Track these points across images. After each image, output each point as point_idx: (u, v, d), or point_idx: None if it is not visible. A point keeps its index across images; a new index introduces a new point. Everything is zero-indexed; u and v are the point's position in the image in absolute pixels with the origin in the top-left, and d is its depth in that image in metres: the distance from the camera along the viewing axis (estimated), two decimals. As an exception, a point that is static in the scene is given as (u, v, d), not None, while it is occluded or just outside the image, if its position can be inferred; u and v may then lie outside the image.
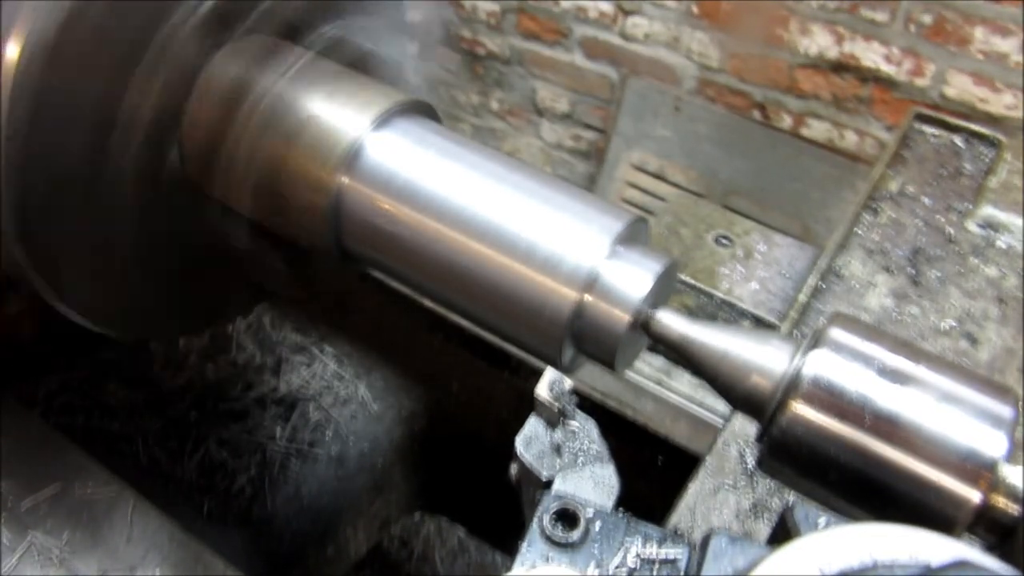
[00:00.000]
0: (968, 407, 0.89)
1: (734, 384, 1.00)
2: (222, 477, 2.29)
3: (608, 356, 1.08)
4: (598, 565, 0.81)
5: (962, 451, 0.86)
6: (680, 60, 4.26)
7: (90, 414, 2.33)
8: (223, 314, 1.62)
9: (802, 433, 0.92)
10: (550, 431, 1.01)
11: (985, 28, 3.42)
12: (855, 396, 0.90)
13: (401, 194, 1.15)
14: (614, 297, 1.05)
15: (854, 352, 0.93)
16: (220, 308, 1.59)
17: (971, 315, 1.78)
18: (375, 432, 2.49)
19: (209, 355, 2.52)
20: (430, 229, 1.13)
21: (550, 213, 1.10)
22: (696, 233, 2.17)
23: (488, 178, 1.14)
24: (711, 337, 1.03)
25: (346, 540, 2.40)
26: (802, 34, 3.84)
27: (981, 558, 0.64)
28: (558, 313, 1.06)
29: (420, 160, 1.17)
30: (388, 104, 1.22)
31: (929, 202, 2.00)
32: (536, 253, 1.07)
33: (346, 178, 1.18)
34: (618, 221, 1.09)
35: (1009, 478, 0.86)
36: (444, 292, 1.18)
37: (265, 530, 2.24)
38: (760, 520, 1.48)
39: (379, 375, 2.59)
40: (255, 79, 1.24)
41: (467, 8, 4.69)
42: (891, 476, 0.88)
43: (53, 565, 1.64)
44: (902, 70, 3.69)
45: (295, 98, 1.22)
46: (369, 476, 2.43)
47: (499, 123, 5.16)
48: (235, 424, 2.39)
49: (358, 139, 1.18)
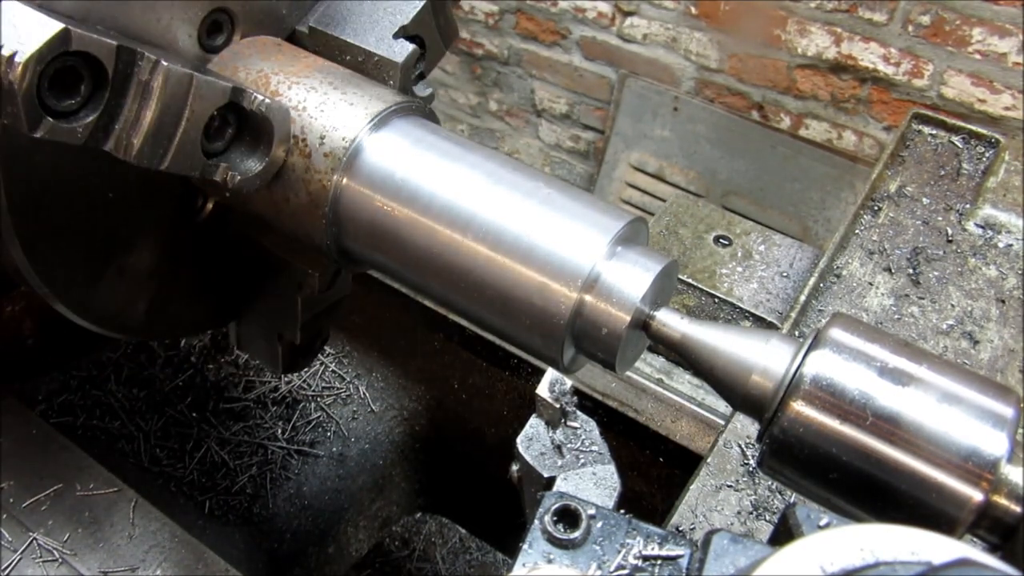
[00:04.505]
0: (969, 407, 0.89)
1: (735, 384, 1.00)
2: (223, 476, 2.29)
3: (609, 356, 1.08)
4: (599, 564, 0.81)
5: (964, 451, 0.87)
6: (679, 60, 4.26)
7: (91, 414, 2.33)
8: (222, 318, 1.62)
9: (803, 433, 0.92)
10: (551, 431, 1.01)
11: (983, 29, 3.43)
12: (856, 396, 0.90)
13: (400, 194, 1.16)
14: (614, 297, 1.05)
15: (855, 352, 0.93)
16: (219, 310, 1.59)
17: (971, 315, 1.78)
18: (376, 431, 2.49)
19: (210, 355, 2.52)
20: (429, 230, 1.13)
21: (549, 214, 1.10)
22: (696, 233, 2.17)
23: (488, 179, 1.14)
24: (711, 337, 1.03)
25: (347, 539, 2.40)
26: (800, 35, 3.84)
27: (982, 557, 0.64)
28: (558, 314, 1.06)
29: (419, 161, 1.17)
30: (385, 105, 1.22)
31: (928, 202, 2.01)
32: (536, 253, 1.08)
33: (345, 179, 1.18)
34: (617, 221, 1.09)
35: (1011, 478, 0.87)
36: (444, 293, 1.18)
37: (266, 529, 2.25)
38: (761, 520, 1.48)
39: (379, 375, 2.59)
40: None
41: (465, 9, 4.69)
42: (892, 476, 0.89)
43: (54, 565, 1.64)
44: (900, 70, 3.70)
45: (290, 99, 1.22)
46: (370, 475, 2.43)
47: (498, 123, 5.16)
48: (236, 424, 2.40)
49: (356, 140, 1.18)
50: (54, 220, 1.23)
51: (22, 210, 1.17)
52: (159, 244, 1.40)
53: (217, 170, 1.15)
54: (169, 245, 1.41)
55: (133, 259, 1.37)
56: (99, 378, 2.38)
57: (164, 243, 1.40)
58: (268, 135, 1.17)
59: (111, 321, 1.40)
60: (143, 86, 1.02)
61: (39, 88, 0.93)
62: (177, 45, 1.24)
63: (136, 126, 1.03)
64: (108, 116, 1.01)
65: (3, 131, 1.06)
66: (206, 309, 1.57)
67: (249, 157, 1.18)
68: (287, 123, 1.19)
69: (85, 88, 0.98)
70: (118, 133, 1.02)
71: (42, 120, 0.95)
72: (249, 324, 1.60)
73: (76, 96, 0.98)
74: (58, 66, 0.94)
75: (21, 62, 0.89)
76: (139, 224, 1.35)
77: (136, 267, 1.38)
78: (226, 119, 1.15)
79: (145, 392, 2.40)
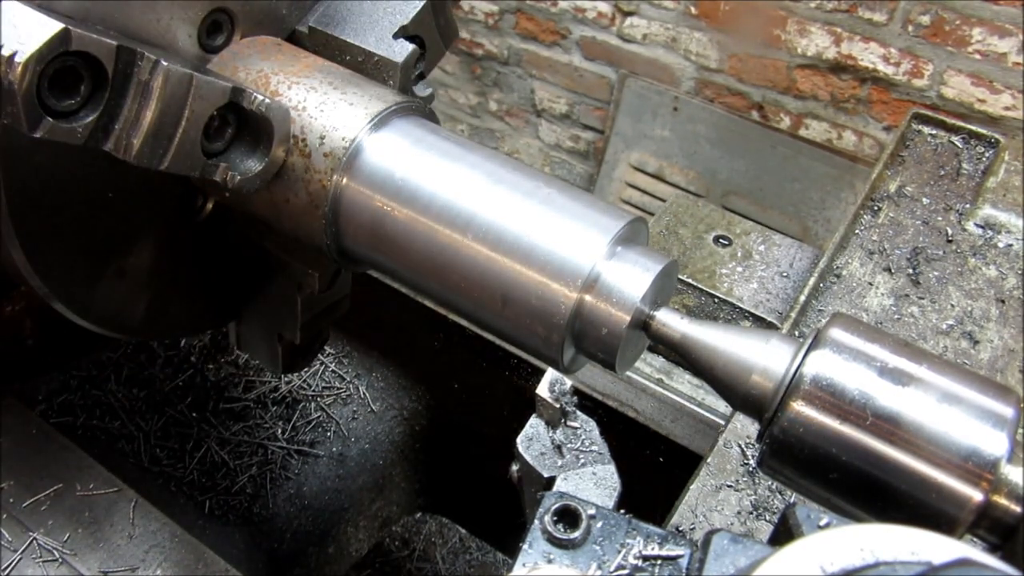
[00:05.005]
0: (969, 407, 0.89)
1: (734, 384, 1.00)
2: (223, 476, 2.29)
3: (609, 356, 1.08)
4: (599, 564, 0.81)
5: (963, 451, 0.87)
6: (678, 60, 4.26)
7: (91, 414, 2.33)
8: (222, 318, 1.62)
9: (803, 433, 0.92)
10: (551, 431, 1.01)
11: (983, 29, 3.43)
12: (856, 396, 0.90)
13: (400, 195, 1.15)
14: (614, 297, 1.05)
15: (855, 352, 0.93)
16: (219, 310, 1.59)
17: (971, 315, 1.78)
18: (376, 431, 2.49)
19: (210, 355, 2.52)
20: (429, 229, 1.13)
21: (549, 214, 1.10)
22: (696, 234, 2.17)
23: (487, 179, 1.14)
24: (711, 337, 1.03)
25: (347, 539, 2.40)
26: (800, 35, 3.85)
27: (982, 557, 0.64)
28: (558, 314, 1.06)
29: (419, 161, 1.17)
30: (385, 105, 1.22)
31: (928, 202, 2.01)
32: (535, 253, 1.07)
33: (344, 179, 1.18)
34: (617, 221, 1.09)
35: (1011, 478, 0.87)
36: (443, 293, 1.18)
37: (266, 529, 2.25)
38: (761, 520, 1.48)
39: (379, 375, 2.59)
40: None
41: (465, 9, 4.69)
42: (892, 476, 0.89)
43: (54, 565, 1.64)
44: (900, 71, 3.70)
45: (290, 99, 1.22)
46: (370, 475, 2.43)
47: (497, 124, 5.16)
48: (236, 424, 2.40)
49: (356, 140, 1.18)
50: (54, 220, 1.23)
51: (22, 210, 1.17)
52: (159, 244, 1.40)
53: (217, 170, 1.14)
54: (169, 245, 1.41)
55: (133, 259, 1.37)
56: (99, 378, 2.38)
57: (164, 243, 1.40)
58: (268, 135, 1.17)
59: (111, 321, 1.40)
60: (143, 86, 1.02)
61: (39, 88, 0.93)
62: (177, 45, 1.24)
63: (136, 126, 1.03)
64: (108, 116, 1.01)
65: (3, 131, 1.06)
66: (206, 309, 1.57)
67: (249, 157, 1.18)
68: (287, 123, 1.19)
69: (85, 88, 0.98)
70: (118, 133, 1.02)
71: (42, 120, 0.95)
72: (249, 324, 1.60)
73: (76, 96, 0.98)
74: (58, 66, 0.94)
75: (21, 62, 0.89)
76: (139, 224, 1.35)
77: (136, 267, 1.38)
78: (226, 119, 1.15)
79: (145, 392, 2.40)
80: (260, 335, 1.59)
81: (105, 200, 1.27)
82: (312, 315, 1.50)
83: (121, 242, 1.34)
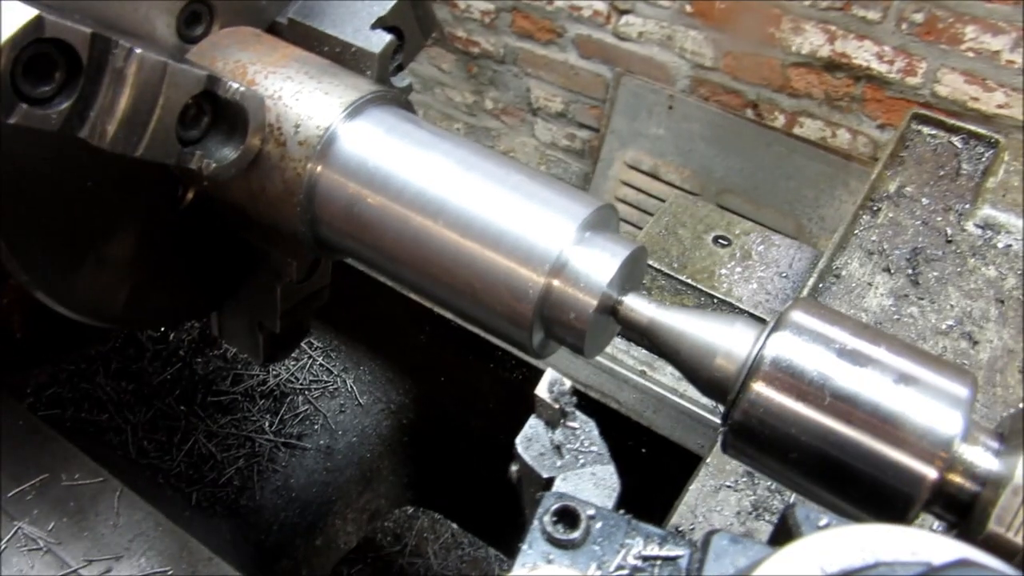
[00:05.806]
0: (925, 388, 0.90)
1: (699, 367, 1.01)
2: (210, 469, 2.30)
3: (577, 341, 1.10)
4: (599, 565, 0.80)
5: (919, 430, 0.88)
6: (674, 59, 4.27)
7: (79, 407, 2.34)
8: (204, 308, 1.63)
9: (763, 414, 0.93)
10: (550, 431, 1.01)
11: (976, 26, 3.43)
12: (815, 377, 0.91)
13: (373, 182, 1.17)
14: (581, 282, 1.06)
15: (814, 334, 0.94)
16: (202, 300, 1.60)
17: (970, 315, 1.79)
18: (363, 425, 2.50)
19: (198, 348, 2.53)
20: (402, 216, 1.15)
21: (519, 200, 1.11)
22: (695, 234, 2.18)
23: (459, 166, 1.16)
24: (678, 321, 1.04)
25: (335, 532, 2.41)
26: (795, 33, 3.85)
27: (982, 557, 0.64)
28: (526, 298, 1.07)
29: (392, 148, 1.18)
30: (360, 94, 1.23)
31: (928, 202, 2.01)
32: (505, 239, 1.09)
33: (319, 166, 1.19)
34: (585, 208, 1.10)
35: (965, 456, 0.88)
36: (416, 278, 1.19)
37: (253, 521, 2.26)
38: (761, 520, 1.49)
39: (367, 368, 2.61)
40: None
41: (461, 7, 4.70)
42: (850, 455, 0.90)
43: (39, 554, 1.66)
44: (894, 68, 3.70)
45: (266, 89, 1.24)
46: (357, 468, 2.44)
47: (493, 122, 5.17)
48: (224, 416, 2.41)
49: (331, 128, 1.19)
50: (33, 208, 1.24)
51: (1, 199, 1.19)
52: (140, 234, 1.41)
53: (193, 158, 1.16)
54: (150, 235, 1.42)
55: (114, 248, 1.38)
56: (88, 371, 2.40)
57: (144, 232, 1.41)
58: (243, 123, 1.18)
59: (92, 309, 1.41)
60: (117, 73, 1.03)
61: (13, 74, 0.94)
62: (155, 35, 1.25)
63: (110, 113, 1.04)
64: (83, 103, 1.02)
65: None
66: (188, 298, 1.58)
67: (224, 145, 1.19)
68: (262, 111, 1.20)
69: (60, 75, 0.99)
70: (93, 120, 1.03)
71: (16, 106, 0.96)
72: (231, 314, 1.62)
73: (51, 83, 0.99)
74: (32, 52, 0.95)
75: (-6, 48, 0.90)
76: (119, 213, 1.36)
77: (117, 256, 1.39)
78: (202, 107, 1.17)
79: (133, 385, 2.41)
80: (242, 325, 1.60)
81: (84, 189, 1.28)
82: (292, 304, 1.51)
83: (101, 231, 1.35)
